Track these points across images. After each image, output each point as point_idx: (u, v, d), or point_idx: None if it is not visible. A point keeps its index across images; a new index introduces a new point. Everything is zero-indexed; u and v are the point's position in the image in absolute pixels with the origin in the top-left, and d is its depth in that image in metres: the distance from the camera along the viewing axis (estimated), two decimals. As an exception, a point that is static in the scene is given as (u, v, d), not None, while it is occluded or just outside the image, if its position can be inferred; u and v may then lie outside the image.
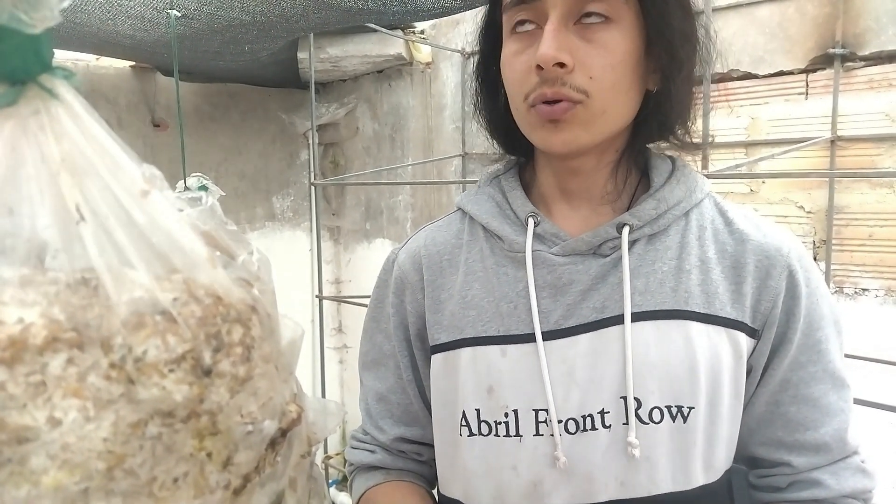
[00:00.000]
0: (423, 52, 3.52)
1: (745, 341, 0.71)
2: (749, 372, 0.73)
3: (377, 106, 3.81)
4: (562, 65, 0.65)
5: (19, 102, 0.35)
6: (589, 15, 0.66)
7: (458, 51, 3.31)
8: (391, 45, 3.35)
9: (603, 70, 0.66)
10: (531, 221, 0.75)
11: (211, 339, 0.34)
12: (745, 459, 0.78)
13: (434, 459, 0.83)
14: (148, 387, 0.32)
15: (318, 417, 0.43)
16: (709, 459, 0.70)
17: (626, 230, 0.71)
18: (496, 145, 0.83)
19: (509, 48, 0.71)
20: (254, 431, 0.35)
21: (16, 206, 0.33)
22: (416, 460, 0.87)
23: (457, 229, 0.82)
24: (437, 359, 0.78)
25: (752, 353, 0.72)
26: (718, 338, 0.70)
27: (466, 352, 0.74)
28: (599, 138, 0.70)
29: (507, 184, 0.80)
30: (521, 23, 0.69)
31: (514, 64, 0.70)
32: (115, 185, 0.35)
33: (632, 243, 0.72)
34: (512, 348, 0.72)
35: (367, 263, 4.00)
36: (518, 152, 0.82)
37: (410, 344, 0.83)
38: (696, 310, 0.70)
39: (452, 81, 3.43)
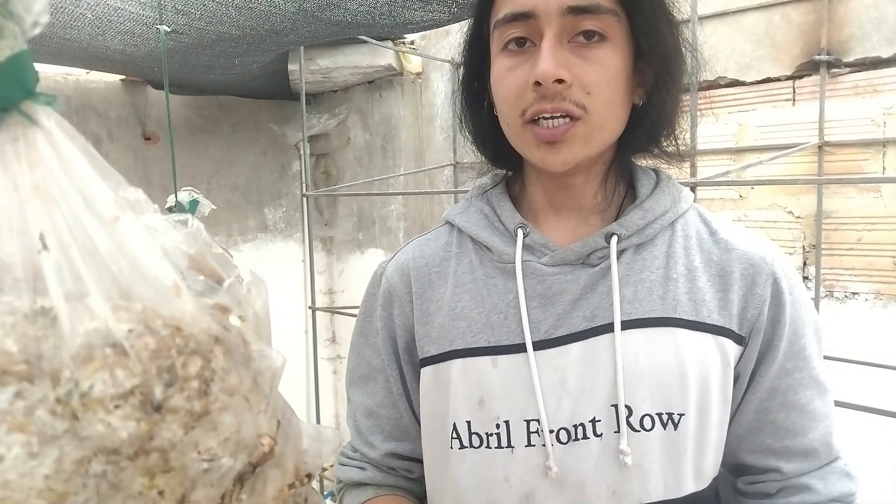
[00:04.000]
0: (414, 63, 3.53)
1: (732, 348, 0.72)
2: (736, 379, 0.74)
3: (368, 116, 3.82)
4: (560, 81, 0.66)
5: (0, 130, 0.34)
6: (584, 33, 0.67)
7: (449, 61, 3.32)
8: (381, 56, 3.36)
9: (599, 86, 0.67)
10: (520, 232, 0.75)
11: (163, 373, 0.33)
12: (734, 466, 0.78)
13: (424, 476, 0.82)
14: (92, 423, 0.31)
15: (312, 445, 0.42)
16: (699, 466, 0.71)
17: (614, 240, 0.72)
18: (483, 158, 0.83)
19: (501, 64, 0.71)
20: (212, 468, 0.34)
21: None
22: (406, 477, 0.86)
23: (445, 242, 0.82)
24: (426, 371, 0.78)
25: (739, 359, 0.73)
26: (706, 345, 0.71)
27: (457, 363, 0.75)
28: (595, 152, 0.72)
29: (496, 197, 0.80)
30: (515, 40, 0.70)
31: (508, 80, 0.70)
32: (84, 212, 0.34)
33: (620, 253, 0.73)
34: (503, 359, 0.72)
35: (360, 274, 3.99)
36: (506, 165, 0.82)
37: (399, 357, 0.82)
38: (685, 317, 0.71)
39: (443, 91, 3.44)
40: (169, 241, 0.38)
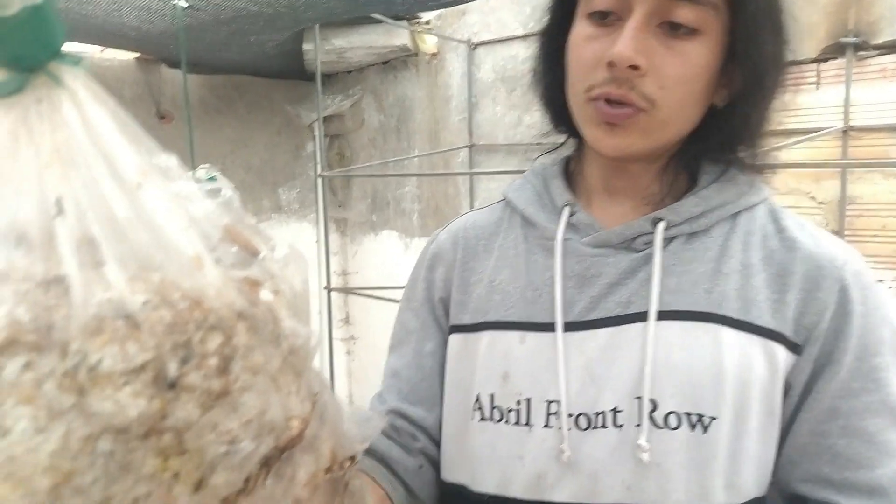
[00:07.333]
0: (429, 43, 3.49)
1: (783, 355, 0.66)
2: (788, 391, 0.67)
3: (383, 97, 3.79)
4: (635, 67, 0.62)
5: (25, 90, 0.33)
6: (676, 25, 0.62)
7: (465, 41, 3.28)
8: (396, 36, 3.33)
9: (676, 82, 0.63)
10: (567, 210, 0.73)
11: (178, 349, 0.31)
12: (788, 497, 0.70)
13: (426, 449, 0.80)
14: (100, 399, 0.29)
15: (353, 427, 0.40)
16: (731, 477, 0.65)
17: (661, 225, 0.69)
18: (548, 119, 0.79)
19: (582, 30, 0.67)
20: (232, 452, 0.32)
21: (3, 197, 0.32)
22: (403, 445, 0.80)
23: (497, 217, 0.81)
24: (455, 339, 0.77)
25: (791, 369, 0.66)
26: (752, 347, 0.65)
27: (486, 335, 0.74)
28: (653, 147, 0.68)
29: (550, 173, 0.79)
30: (600, 12, 0.65)
31: (583, 50, 0.66)
32: (106, 177, 0.33)
33: (668, 241, 0.69)
34: (532, 336, 0.71)
35: (373, 255, 3.98)
36: (567, 131, 0.78)
37: (437, 317, 0.81)
38: (731, 315, 0.66)
39: (458, 72, 3.39)
40: (201, 209, 0.36)
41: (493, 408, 0.72)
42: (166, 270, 0.32)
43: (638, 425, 0.65)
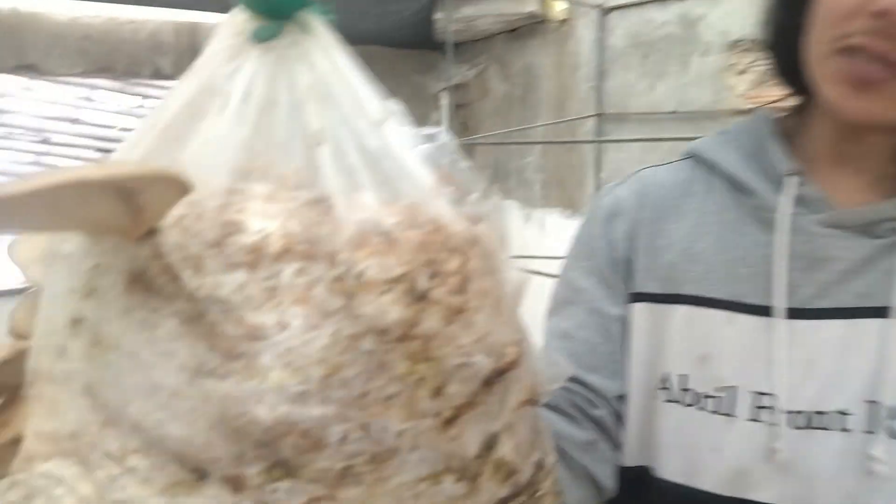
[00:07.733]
0: (558, 9, 3.43)
1: None
2: None
3: (508, 66, 3.77)
4: None
5: (280, 37, 0.38)
6: None
7: (596, 6, 3.19)
8: (525, 3, 3.30)
9: None
10: (792, 180, 0.65)
11: (427, 265, 0.34)
12: None
13: (603, 420, 0.72)
14: (365, 303, 0.33)
15: (544, 369, 0.43)
16: None
17: None
18: (775, 70, 0.70)
19: None
20: (466, 364, 0.35)
21: (270, 131, 0.36)
22: (571, 416, 0.72)
23: (686, 177, 0.72)
24: (640, 308, 0.70)
25: None
26: None
27: (682, 310, 0.67)
28: None
29: (763, 132, 0.69)
30: None
31: None
32: (353, 114, 0.37)
33: None
34: (743, 318, 0.64)
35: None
36: (793, 83, 0.69)
37: (620, 279, 0.73)
38: None
39: (588, 38, 3.31)
40: (418, 149, 0.40)
41: (685, 390, 0.66)
42: (411, 197, 0.36)
43: (870, 432, 0.59)
